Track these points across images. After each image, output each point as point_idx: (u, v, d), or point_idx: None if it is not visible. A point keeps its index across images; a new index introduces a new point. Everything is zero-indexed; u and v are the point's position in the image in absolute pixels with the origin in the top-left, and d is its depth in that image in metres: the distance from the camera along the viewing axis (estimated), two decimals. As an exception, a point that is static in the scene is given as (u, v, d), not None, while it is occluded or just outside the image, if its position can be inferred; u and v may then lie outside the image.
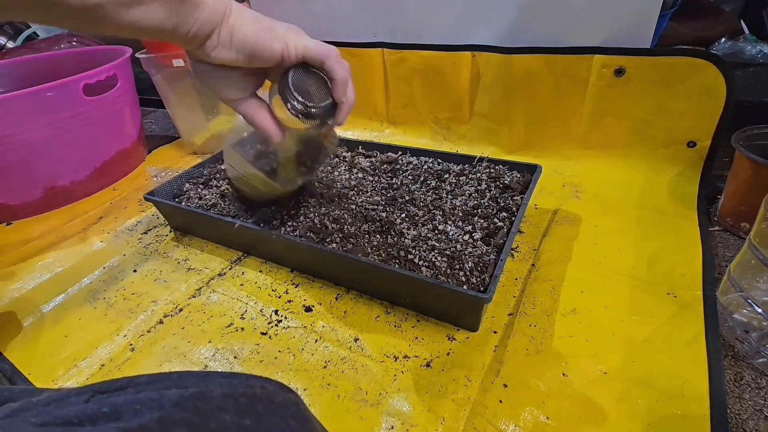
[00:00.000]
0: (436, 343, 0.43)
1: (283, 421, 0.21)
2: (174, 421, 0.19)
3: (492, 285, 0.40)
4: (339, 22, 0.78)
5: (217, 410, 0.20)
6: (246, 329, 0.47)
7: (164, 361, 0.45)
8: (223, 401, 0.20)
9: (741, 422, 0.34)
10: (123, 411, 0.19)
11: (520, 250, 0.53)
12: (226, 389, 0.21)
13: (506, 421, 0.36)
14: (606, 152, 0.65)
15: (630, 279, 0.47)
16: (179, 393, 0.20)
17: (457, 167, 0.62)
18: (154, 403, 0.19)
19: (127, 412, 0.19)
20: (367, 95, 0.81)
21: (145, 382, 0.21)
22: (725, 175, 0.54)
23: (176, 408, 0.19)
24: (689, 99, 0.57)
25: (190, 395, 0.20)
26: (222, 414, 0.19)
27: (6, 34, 1.15)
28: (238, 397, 0.21)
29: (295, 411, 0.22)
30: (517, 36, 0.64)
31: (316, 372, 0.42)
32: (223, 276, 0.55)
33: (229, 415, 0.19)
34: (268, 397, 0.21)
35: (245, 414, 0.20)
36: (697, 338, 0.40)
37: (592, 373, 0.39)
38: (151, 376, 0.22)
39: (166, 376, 0.22)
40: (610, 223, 0.55)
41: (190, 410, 0.19)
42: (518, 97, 0.67)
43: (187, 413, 0.19)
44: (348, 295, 0.50)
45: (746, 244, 0.41)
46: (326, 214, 0.54)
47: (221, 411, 0.20)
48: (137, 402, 0.19)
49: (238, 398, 0.20)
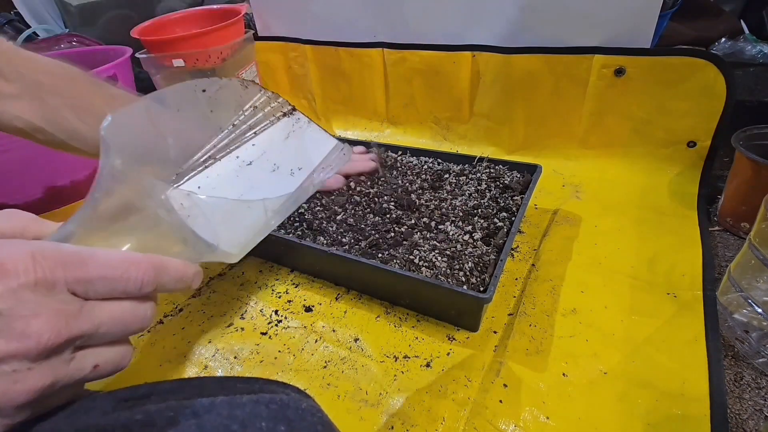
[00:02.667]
0: (436, 343, 0.43)
1: (312, 427, 0.21)
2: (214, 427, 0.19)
3: (492, 285, 0.40)
4: (339, 22, 0.78)
5: (253, 417, 0.20)
6: (246, 329, 0.47)
7: (164, 361, 0.45)
8: (256, 408, 0.20)
9: (741, 422, 0.34)
10: (157, 418, 0.19)
11: (520, 250, 0.53)
12: (254, 396, 0.21)
13: (506, 421, 0.36)
14: (606, 152, 0.65)
15: (630, 279, 0.47)
16: (210, 401, 0.20)
17: (457, 167, 0.62)
18: (188, 410, 0.20)
19: (160, 419, 0.19)
20: (367, 95, 0.81)
21: (168, 390, 0.22)
22: (725, 175, 0.54)
23: (211, 415, 0.19)
24: (689, 99, 0.57)
25: (223, 402, 0.20)
26: (258, 421, 0.20)
27: (6, 34, 1.15)
28: (269, 404, 0.21)
29: (320, 417, 0.22)
30: (517, 36, 0.64)
31: (316, 372, 0.42)
32: (223, 276, 0.55)
33: (264, 422, 0.20)
34: (294, 404, 0.22)
35: (279, 420, 0.20)
36: (697, 338, 0.40)
37: (592, 373, 0.39)
38: (171, 383, 0.23)
39: (187, 382, 0.23)
40: (610, 223, 0.55)
41: (225, 417, 0.19)
42: (518, 97, 0.67)
43: (223, 420, 0.19)
44: (348, 295, 0.50)
45: (746, 244, 0.41)
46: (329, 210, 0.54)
47: (257, 418, 0.20)
48: (170, 409, 0.20)
49: (268, 405, 0.21)
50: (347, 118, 0.86)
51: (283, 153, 0.37)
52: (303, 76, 0.88)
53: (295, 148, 0.39)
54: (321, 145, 0.42)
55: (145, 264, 0.23)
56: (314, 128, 0.42)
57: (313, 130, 0.42)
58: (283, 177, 0.37)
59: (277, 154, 0.37)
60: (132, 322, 0.23)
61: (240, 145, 0.35)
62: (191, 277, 0.26)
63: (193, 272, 0.27)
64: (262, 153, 0.36)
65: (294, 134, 0.40)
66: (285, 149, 0.38)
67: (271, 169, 0.36)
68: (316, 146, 0.41)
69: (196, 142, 0.32)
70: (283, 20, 0.86)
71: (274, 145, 0.37)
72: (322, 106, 0.88)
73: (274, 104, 0.38)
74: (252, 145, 0.35)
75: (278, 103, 0.39)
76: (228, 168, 0.33)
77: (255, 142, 0.36)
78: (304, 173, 0.38)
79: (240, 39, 0.79)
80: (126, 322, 0.22)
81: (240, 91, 0.36)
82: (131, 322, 0.23)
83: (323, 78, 0.85)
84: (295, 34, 0.84)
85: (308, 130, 0.41)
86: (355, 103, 0.84)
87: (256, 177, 0.34)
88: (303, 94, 0.91)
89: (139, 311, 0.23)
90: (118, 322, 0.22)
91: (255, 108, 0.36)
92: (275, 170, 0.36)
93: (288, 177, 0.37)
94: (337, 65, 0.81)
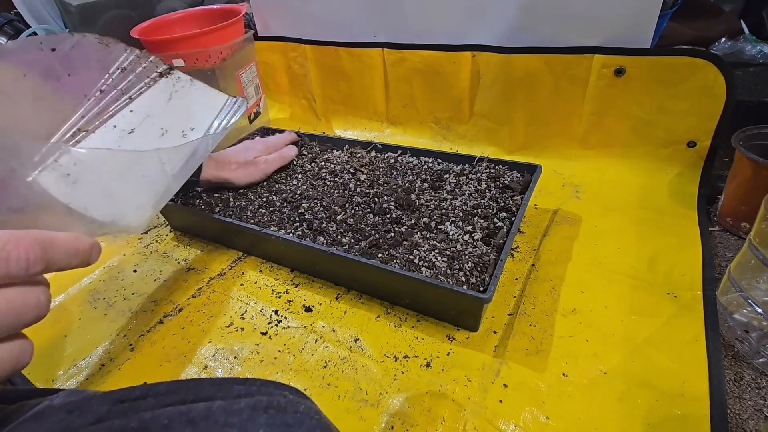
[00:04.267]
0: (436, 343, 0.43)
1: (311, 430, 0.21)
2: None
3: (492, 285, 0.40)
4: (339, 22, 0.78)
5: (250, 423, 0.19)
6: (246, 329, 0.47)
7: (164, 361, 0.45)
8: (253, 414, 0.20)
9: (741, 422, 0.34)
10: (151, 426, 0.18)
11: (520, 250, 0.53)
12: (251, 400, 0.20)
13: (506, 421, 0.36)
14: (606, 152, 0.65)
15: (630, 279, 0.47)
16: (207, 406, 0.20)
17: (457, 167, 0.62)
18: (184, 417, 0.19)
19: (155, 427, 0.18)
20: (367, 95, 0.81)
21: (164, 392, 0.21)
22: (725, 175, 0.54)
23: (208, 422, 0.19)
24: (689, 99, 0.57)
25: (219, 408, 0.20)
26: (256, 428, 0.19)
27: (6, 34, 1.15)
28: (267, 409, 0.20)
29: (319, 419, 0.22)
30: (517, 36, 0.64)
31: (316, 372, 0.42)
32: (223, 276, 0.55)
33: (263, 429, 0.19)
34: (292, 407, 0.21)
35: (277, 426, 0.20)
36: (697, 338, 0.40)
37: (592, 373, 0.39)
38: (168, 384, 0.22)
39: (184, 384, 0.22)
40: (610, 223, 0.55)
41: (222, 425, 0.19)
42: (518, 97, 0.67)
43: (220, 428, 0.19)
44: (348, 295, 0.50)
45: (746, 244, 0.41)
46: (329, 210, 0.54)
47: (255, 425, 0.19)
48: (165, 416, 0.19)
49: (266, 410, 0.20)
50: (347, 118, 0.86)
51: (169, 115, 0.34)
52: (303, 76, 0.88)
53: (182, 108, 0.35)
54: (211, 102, 0.38)
55: (28, 240, 0.20)
56: (199, 86, 0.38)
57: (198, 87, 0.38)
58: (175, 140, 0.33)
59: (162, 118, 0.33)
60: (23, 312, 0.20)
61: (114, 113, 0.31)
62: (87, 250, 0.23)
63: (88, 245, 0.23)
64: (144, 118, 0.32)
65: (177, 95, 0.36)
66: (170, 111, 0.34)
67: (158, 134, 0.33)
68: (205, 104, 0.37)
69: (57, 113, 0.28)
70: (283, 20, 0.85)
71: (156, 109, 0.33)
72: (322, 106, 0.88)
73: (146, 64, 0.34)
74: (130, 111, 0.32)
75: (150, 63, 0.35)
76: (106, 140, 0.29)
77: (132, 107, 0.32)
78: (198, 133, 0.34)
79: (240, 39, 0.79)
80: (16, 313, 0.19)
81: (101, 50, 0.31)
82: (22, 312, 0.20)
83: (323, 78, 0.85)
84: (295, 34, 0.84)
85: (192, 88, 0.37)
86: (355, 103, 0.84)
87: (142, 145, 0.30)
88: (303, 94, 0.91)
89: (30, 298, 0.20)
90: (5, 313, 0.19)
91: (124, 70, 0.32)
92: (164, 134, 0.33)
93: (181, 139, 0.34)
94: (337, 65, 0.81)
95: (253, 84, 0.84)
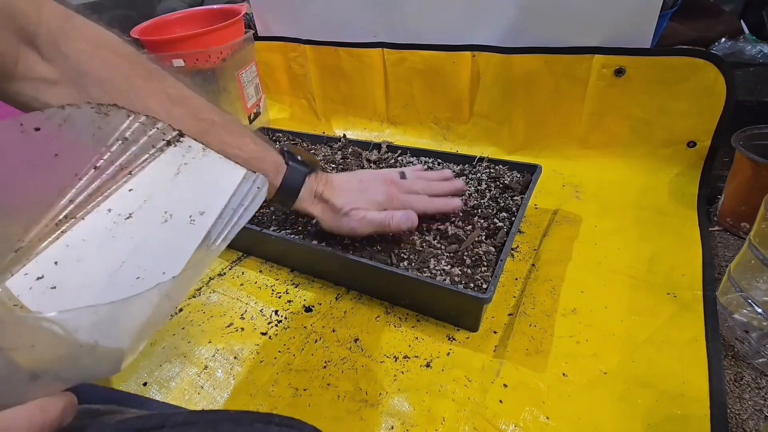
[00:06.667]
0: (436, 343, 0.43)
1: None
2: None
3: (492, 285, 0.40)
4: (339, 22, 0.78)
5: None
6: (246, 329, 0.47)
7: (164, 361, 0.45)
8: None
9: (741, 422, 0.34)
10: None
11: (520, 250, 0.53)
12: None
13: (506, 421, 0.36)
14: (606, 152, 0.65)
15: (630, 279, 0.47)
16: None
17: (457, 167, 0.62)
18: None
19: None
20: (367, 95, 0.81)
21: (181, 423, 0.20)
22: (725, 175, 0.54)
23: None
24: (689, 99, 0.57)
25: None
26: None
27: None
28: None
29: None
30: (517, 36, 0.64)
31: (316, 372, 0.42)
32: (223, 276, 0.55)
33: None
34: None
35: None
36: (697, 338, 0.40)
37: (592, 373, 0.39)
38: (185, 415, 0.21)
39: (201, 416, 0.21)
40: (610, 223, 0.55)
41: None
42: (518, 97, 0.67)
43: None
44: (348, 295, 0.50)
45: (746, 244, 0.41)
46: None
47: None
48: None
49: None
50: (347, 118, 0.86)
51: (175, 195, 0.28)
52: (303, 76, 0.88)
53: (191, 186, 0.29)
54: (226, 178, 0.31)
55: None
56: (213, 157, 0.31)
57: (212, 159, 0.31)
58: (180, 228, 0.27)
59: (166, 199, 0.27)
60: None
61: (110, 194, 0.26)
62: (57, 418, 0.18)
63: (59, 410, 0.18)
64: (145, 200, 0.26)
65: (186, 168, 0.29)
66: (176, 190, 0.28)
67: (161, 220, 0.26)
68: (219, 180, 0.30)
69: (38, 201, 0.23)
70: (283, 20, 0.85)
71: (160, 187, 0.27)
72: (322, 106, 0.88)
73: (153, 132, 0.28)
74: (129, 190, 0.26)
75: (158, 130, 0.29)
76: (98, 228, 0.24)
77: (132, 185, 0.27)
78: (208, 218, 0.27)
79: (240, 39, 0.79)
80: None
81: (98, 120, 0.26)
82: None
83: (323, 78, 0.85)
84: (294, 34, 0.84)
85: (204, 160, 0.30)
86: (355, 103, 0.84)
87: (141, 234, 0.25)
88: (303, 94, 0.91)
89: None
90: None
91: (125, 140, 0.27)
92: (167, 221, 0.26)
93: (187, 227, 0.27)
94: (337, 65, 0.81)
95: (253, 84, 0.84)
